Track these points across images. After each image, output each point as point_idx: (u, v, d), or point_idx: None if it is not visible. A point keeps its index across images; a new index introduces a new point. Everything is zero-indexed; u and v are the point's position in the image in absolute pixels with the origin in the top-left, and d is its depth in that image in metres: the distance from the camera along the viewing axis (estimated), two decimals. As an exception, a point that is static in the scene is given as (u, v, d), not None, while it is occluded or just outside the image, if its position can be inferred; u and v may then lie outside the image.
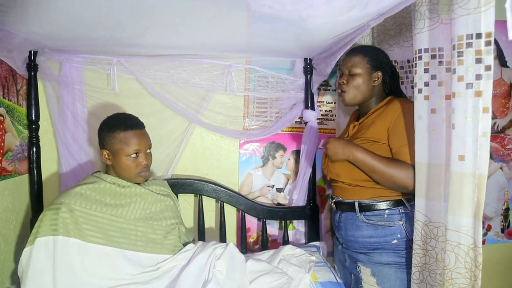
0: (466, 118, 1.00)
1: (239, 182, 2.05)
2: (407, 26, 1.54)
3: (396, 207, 1.40)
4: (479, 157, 0.98)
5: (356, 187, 1.46)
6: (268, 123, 2.05)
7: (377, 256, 1.41)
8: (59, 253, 1.27)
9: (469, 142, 1.00)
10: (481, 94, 0.97)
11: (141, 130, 1.46)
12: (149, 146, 1.48)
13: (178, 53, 1.87)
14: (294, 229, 2.07)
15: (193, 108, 1.94)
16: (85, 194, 1.38)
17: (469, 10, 0.97)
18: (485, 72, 0.96)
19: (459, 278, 1.07)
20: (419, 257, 1.26)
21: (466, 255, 1.04)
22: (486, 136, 0.97)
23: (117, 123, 1.43)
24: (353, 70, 1.46)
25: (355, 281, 1.50)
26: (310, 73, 1.95)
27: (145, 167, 1.46)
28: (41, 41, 1.60)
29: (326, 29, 1.42)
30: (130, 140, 1.40)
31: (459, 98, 1.01)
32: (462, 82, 1.00)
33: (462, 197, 1.03)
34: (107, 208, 1.39)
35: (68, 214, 1.31)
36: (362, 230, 1.44)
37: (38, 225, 1.30)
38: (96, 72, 1.84)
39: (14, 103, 1.62)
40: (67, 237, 1.29)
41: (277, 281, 1.41)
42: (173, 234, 1.50)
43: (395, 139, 1.36)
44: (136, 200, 1.46)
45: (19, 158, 1.65)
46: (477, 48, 0.96)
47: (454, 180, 1.05)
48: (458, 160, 1.03)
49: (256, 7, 1.20)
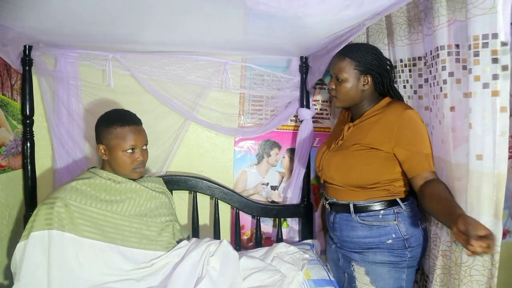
0: (483, 118, 1.01)
1: (233, 179, 2.06)
2: (401, 25, 1.54)
3: (391, 207, 1.40)
4: (497, 156, 0.99)
5: (351, 190, 1.44)
6: (263, 121, 2.05)
7: (371, 256, 1.41)
8: (53, 248, 1.27)
9: (487, 141, 1.01)
10: (498, 94, 0.98)
11: (138, 126, 1.47)
12: (145, 142, 1.48)
13: (174, 50, 1.86)
14: (288, 227, 2.07)
15: (188, 105, 1.94)
16: (80, 189, 1.38)
17: (484, 10, 0.97)
18: (502, 72, 0.97)
19: (477, 275, 1.08)
20: (446, 259, 1.26)
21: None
22: (504, 135, 0.98)
23: (115, 118, 1.44)
24: (340, 75, 1.43)
25: (349, 280, 1.50)
26: (306, 71, 1.95)
27: (141, 163, 1.46)
28: (36, 36, 1.60)
29: (321, 28, 1.42)
30: (126, 136, 1.41)
31: (476, 98, 1.02)
32: (479, 82, 1.01)
33: (481, 196, 1.04)
34: (102, 204, 1.39)
35: (63, 208, 1.31)
36: (357, 231, 1.43)
37: (33, 220, 1.29)
38: (91, 67, 1.84)
39: (8, 98, 1.62)
40: (62, 232, 1.29)
41: (270, 278, 1.42)
42: (167, 231, 1.50)
43: (404, 149, 1.33)
44: (131, 196, 1.47)
45: (13, 153, 1.65)
46: (493, 48, 0.97)
47: (472, 179, 1.06)
48: (476, 159, 1.04)
49: (252, 4, 1.21)
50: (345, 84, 1.43)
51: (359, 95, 1.45)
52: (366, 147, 1.39)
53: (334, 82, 1.46)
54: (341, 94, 1.45)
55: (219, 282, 1.34)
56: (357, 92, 1.44)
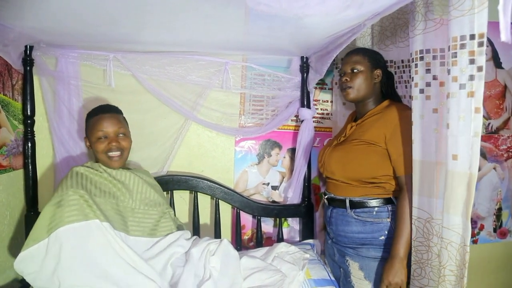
0: (459, 118, 1.01)
1: (234, 179, 2.06)
2: (401, 27, 1.55)
3: (385, 205, 1.45)
4: (470, 157, 1.00)
5: (349, 185, 1.49)
6: (264, 121, 2.05)
7: (365, 251, 1.46)
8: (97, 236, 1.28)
9: (461, 142, 1.01)
10: (473, 95, 0.98)
11: (110, 114, 1.48)
12: (119, 129, 1.47)
13: (175, 50, 1.86)
14: (289, 226, 2.08)
15: (189, 105, 1.94)
16: (84, 184, 1.39)
17: (463, 11, 0.98)
18: (478, 73, 0.97)
19: (450, 275, 1.09)
20: (421, 254, 1.27)
21: (457, 252, 1.06)
22: (477, 136, 0.99)
23: (92, 111, 1.51)
24: (356, 67, 1.50)
25: (344, 274, 1.55)
26: (307, 71, 1.95)
27: (116, 149, 1.45)
28: (37, 36, 1.60)
29: (322, 28, 1.42)
30: (97, 124, 1.45)
31: (454, 98, 1.02)
32: (456, 83, 1.01)
33: (455, 196, 1.05)
34: (105, 195, 1.41)
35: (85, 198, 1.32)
36: (352, 226, 1.49)
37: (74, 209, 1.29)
38: (92, 67, 1.84)
39: (9, 98, 1.62)
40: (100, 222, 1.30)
41: (271, 278, 1.42)
42: (165, 218, 1.54)
43: (394, 147, 1.39)
44: (129, 186, 1.49)
45: (14, 153, 1.65)
46: (471, 49, 0.98)
47: (448, 179, 1.07)
48: (452, 159, 1.04)
49: (253, 5, 1.21)
50: (360, 75, 1.50)
51: (371, 87, 1.52)
52: (365, 143, 1.45)
53: (349, 75, 1.52)
54: (357, 84, 1.50)
55: (220, 282, 1.35)
56: (370, 84, 1.51)
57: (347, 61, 1.54)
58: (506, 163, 2.19)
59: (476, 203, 2.15)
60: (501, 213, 2.20)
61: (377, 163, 1.43)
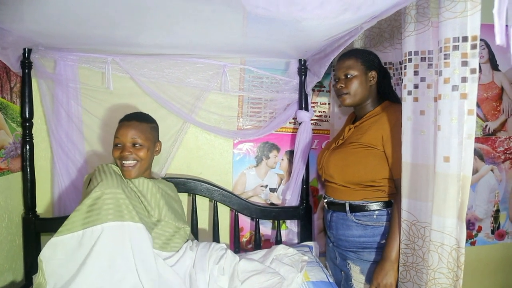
0: (451, 120, 1.02)
1: (232, 181, 2.06)
2: (398, 29, 1.56)
3: (385, 208, 1.44)
4: (463, 159, 1.00)
5: (348, 189, 1.49)
6: (262, 123, 2.06)
7: (366, 255, 1.46)
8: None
9: (454, 144, 1.02)
10: (466, 97, 0.98)
11: (130, 122, 1.48)
12: (133, 139, 1.46)
13: (173, 53, 1.87)
14: (287, 229, 2.08)
15: (187, 108, 1.95)
16: (120, 183, 1.41)
17: (456, 13, 0.98)
18: (471, 75, 0.98)
19: (442, 278, 1.09)
20: (406, 257, 1.28)
21: (449, 255, 1.06)
22: (470, 138, 0.99)
23: (123, 117, 1.54)
24: (350, 72, 1.49)
25: (345, 278, 1.55)
26: (304, 74, 1.96)
27: (128, 158, 1.44)
28: (35, 39, 1.60)
29: (320, 31, 1.43)
30: (117, 130, 1.49)
31: (445, 100, 1.03)
32: (448, 84, 1.01)
33: (446, 198, 1.05)
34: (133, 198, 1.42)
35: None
36: (352, 230, 1.48)
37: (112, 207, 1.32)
38: (91, 70, 1.84)
39: (8, 101, 1.62)
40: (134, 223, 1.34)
41: (269, 281, 1.42)
42: (180, 234, 1.51)
43: (391, 149, 1.40)
44: (147, 196, 1.48)
45: (12, 156, 1.65)
46: (463, 51, 0.98)
47: (438, 181, 1.07)
48: (443, 161, 1.04)
49: (251, 8, 1.21)
50: (355, 80, 1.49)
51: (367, 90, 1.51)
52: (364, 146, 1.44)
53: (344, 81, 1.51)
54: (352, 89, 1.50)
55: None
56: (366, 88, 1.51)
57: (340, 67, 1.53)
58: (503, 164, 2.20)
59: (474, 205, 2.16)
60: (499, 215, 2.21)
61: (376, 166, 1.42)
